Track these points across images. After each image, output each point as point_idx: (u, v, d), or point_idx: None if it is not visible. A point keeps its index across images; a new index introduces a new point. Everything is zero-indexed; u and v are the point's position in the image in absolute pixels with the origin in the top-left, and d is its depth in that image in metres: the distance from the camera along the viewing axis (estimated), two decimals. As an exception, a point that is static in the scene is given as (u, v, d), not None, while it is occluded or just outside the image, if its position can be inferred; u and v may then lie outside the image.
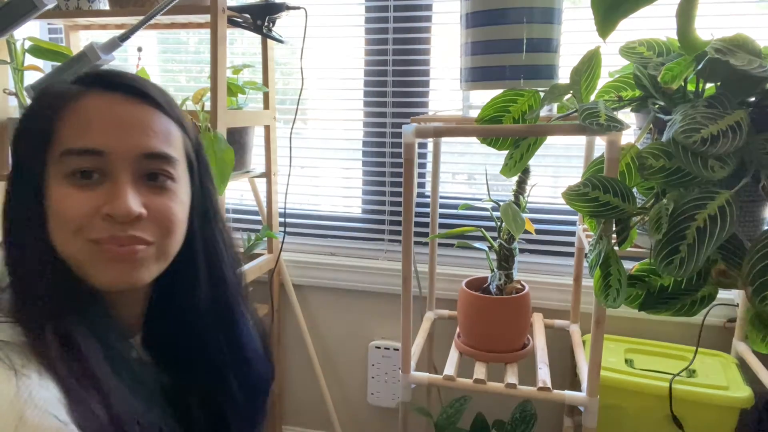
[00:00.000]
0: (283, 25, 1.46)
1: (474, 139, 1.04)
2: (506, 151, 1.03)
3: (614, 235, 0.86)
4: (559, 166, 1.51)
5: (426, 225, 1.46)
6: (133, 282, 0.57)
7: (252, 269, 1.50)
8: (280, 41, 1.43)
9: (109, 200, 0.54)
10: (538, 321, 1.34)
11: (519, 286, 1.17)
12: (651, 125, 0.88)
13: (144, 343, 0.65)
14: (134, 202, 0.55)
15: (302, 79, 1.50)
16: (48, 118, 0.56)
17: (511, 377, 1.07)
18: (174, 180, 0.59)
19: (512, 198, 1.15)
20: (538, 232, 1.46)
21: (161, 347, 0.65)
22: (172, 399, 0.61)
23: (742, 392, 1.11)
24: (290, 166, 1.55)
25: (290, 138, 1.54)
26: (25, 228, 0.56)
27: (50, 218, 0.55)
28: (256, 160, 1.61)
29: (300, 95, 1.50)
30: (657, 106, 0.85)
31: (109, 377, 0.53)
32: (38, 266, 0.55)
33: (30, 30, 1.69)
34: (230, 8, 1.33)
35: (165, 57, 1.80)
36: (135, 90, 0.58)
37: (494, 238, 1.17)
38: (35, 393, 0.47)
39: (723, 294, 1.32)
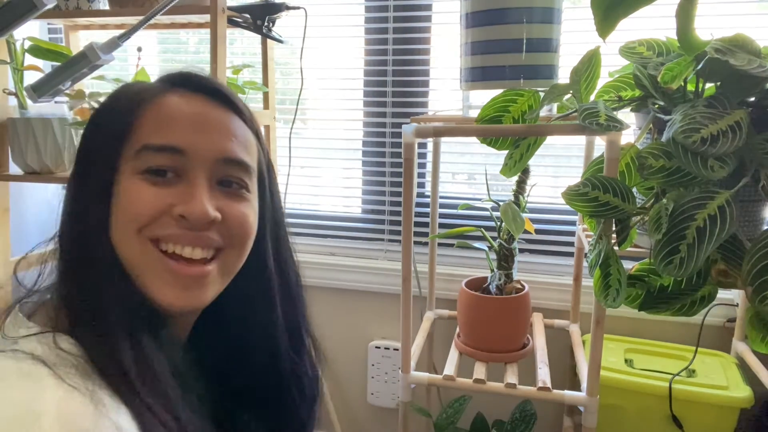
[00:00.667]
0: (283, 25, 1.46)
1: (474, 139, 1.04)
2: (506, 151, 1.03)
3: (614, 235, 0.86)
4: (559, 166, 1.51)
5: (426, 225, 1.46)
6: (200, 304, 0.54)
7: (252, 269, 1.50)
8: (280, 41, 1.43)
9: (184, 200, 0.51)
10: (537, 321, 1.34)
11: (519, 286, 1.17)
12: (651, 125, 0.88)
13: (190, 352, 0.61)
14: (210, 205, 0.52)
15: (302, 79, 1.50)
16: (128, 113, 0.53)
17: (511, 377, 1.07)
18: (248, 191, 0.57)
19: (512, 198, 1.15)
20: (538, 232, 1.46)
21: (208, 354, 0.61)
22: (219, 412, 0.59)
23: (742, 392, 1.11)
24: (290, 166, 1.55)
25: (290, 138, 1.54)
26: (89, 226, 0.51)
27: (116, 215, 0.51)
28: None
29: (300, 95, 1.50)
30: (657, 106, 0.85)
31: (179, 399, 0.49)
32: (102, 271, 0.50)
33: (30, 30, 1.69)
34: (230, 8, 1.33)
35: (165, 57, 1.79)
36: (219, 94, 0.57)
37: (494, 238, 1.17)
38: (115, 420, 0.43)
39: (723, 294, 1.32)
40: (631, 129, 0.93)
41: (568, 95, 0.94)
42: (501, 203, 1.04)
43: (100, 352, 0.47)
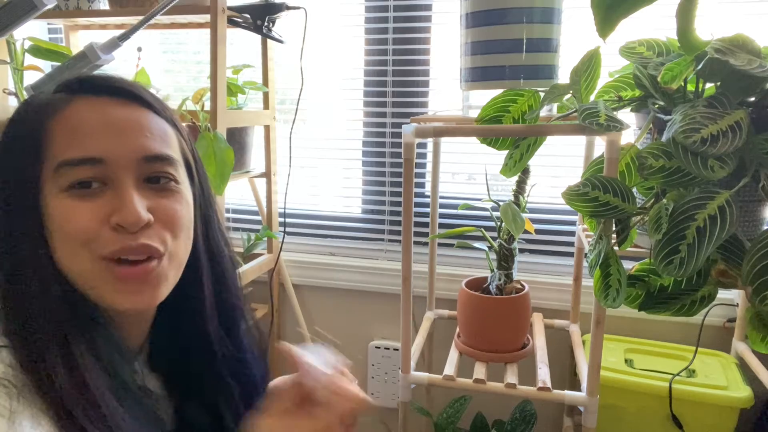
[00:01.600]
0: (283, 25, 1.46)
1: (474, 139, 1.04)
2: (506, 151, 1.03)
3: (614, 235, 0.86)
4: (559, 166, 1.51)
5: (426, 225, 1.46)
6: (154, 302, 0.55)
7: (252, 269, 1.50)
8: (280, 41, 1.43)
9: (116, 209, 0.51)
10: (537, 321, 1.34)
11: (519, 286, 1.17)
12: (651, 125, 0.88)
13: (149, 358, 0.62)
14: (142, 208, 0.52)
15: (302, 78, 1.50)
16: (36, 131, 0.52)
17: (511, 377, 1.07)
18: (177, 182, 0.56)
19: (512, 198, 1.15)
20: (538, 232, 1.46)
21: (167, 360, 0.62)
22: (175, 423, 0.60)
23: (742, 392, 1.11)
24: (290, 166, 1.55)
25: (290, 138, 1.54)
26: (25, 246, 0.51)
27: (53, 235, 0.51)
28: (255, 160, 1.61)
29: (300, 95, 1.50)
30: (657, 106, 0.85)
31: (117, 413, 0.49)
32: (40, 286, 0.51)
33: (30, 30, 1.69)
34: (230, 8, 1.33)
35: (165, 57, 1.79)
36: (124, 92, 0.55)
37: (494, 238, 1.17)
38: None
39: (723, 294, 1.32)
40: (631, 129, 0.93)
41: (568, 95, 0.94)
42: (501, 203, 1.04)
43: (33, 368, 0.47)
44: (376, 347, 1.63)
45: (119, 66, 1.78)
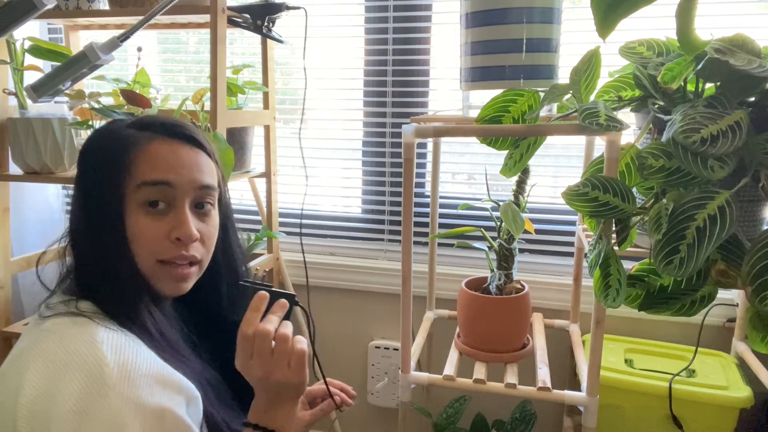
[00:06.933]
0: (283, 25, 1.46)
1: (474, 139, 1.04)
2: (506, 151, 1.03)
3: (614, 235, 0.86)
4: (559, 166, 1.51)
5: (426, 225, 1.46)
6: (185, 292, 0.76)
7: (252, 269, 1.50)
8: (280, 41, 1.43)
9: (176, 226, 0.71)
10: (537, 321, 1.34)
11: (519, 286, 1.17)
12: (651, 125, 0.88)
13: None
14: (194, 228, 0.73)
15: (305, 79, 1.50)
16: (124, 158, 0.70)
17: (511, 377, 1.07)
18: (213, 205, 0.77)
19: (512, 198, 1.15)
20: (537, 232, 1.46)
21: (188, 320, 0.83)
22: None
23: (742, 392, 1.11)
24: (305, 167, 1.55)
25: (299, 138, 1.55)
26: (114, 244, 0.69)
27: (131, 239, 0.70)
28: (255, 160, 1.61)
29: (305, 95, 1.51)
30: (657, 106, 0.85)
31: (182, 347, 0.73)
32: (128, 271, 0.70)
33: (30, 30, 1.69)
34: (230, 8, 1.33)
35: (165, 57, 1.80)
36: (190, 138, 0.75)
37: (494, 238, 1.17)
38: (144, 349, 0.66)
39: (723, 294, 1.32)
40: (631, 129, 0.93)
41: (568, 95, 0.94)
42: (501, 203, 1.04)
43: (121, 312, 0.69)
44: (376, 347, 1.63)
45: (119, 66, 1.78)
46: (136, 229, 0.70)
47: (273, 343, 0.71)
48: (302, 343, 0.73)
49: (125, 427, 0.59)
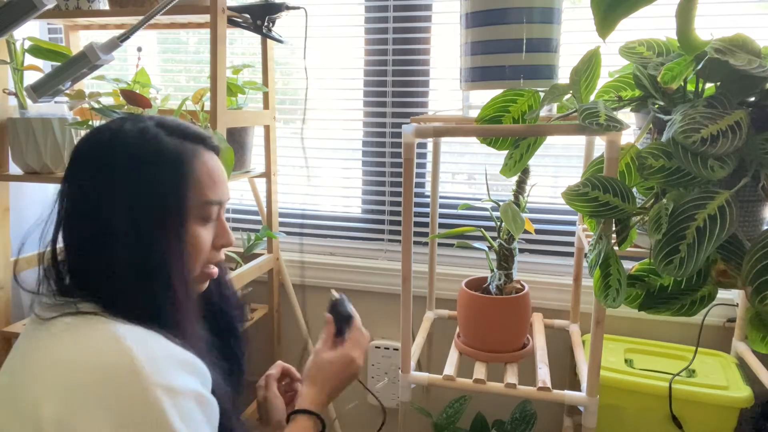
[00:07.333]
0: (283, 25, 1.46)
1: (474, 139, 1.04)
2: (506, 151, 1.03)
3: (614, 235, 0.86)
4: (559, 166, 1.51)
5: (426, 225, 1.46)
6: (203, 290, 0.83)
7: (252, 269, 1.50)
8: (280, 41, 1.43)
9: (221, 234, 0.78)
10: (537, 321, 1.34)
11: (519, 286, 1.17)
12: (651, 125, 0.88)
13: None
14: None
15: (307, 79, 1.50)
16: (185, 173, 0.71)
17: (511, 377, 1.07)
18: None
19: (512, 198, 1.15)
20: (537, 232, 1.46)
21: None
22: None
23: (742, 392, 1.11)
24: (307, 166, 1.55)
25: (301, 138, 1.54)
26: (176, 253, 0.71)
27: (189, 248, 0.73)
28: (255, 160, 1.61)
29: (306, 95, 1.51)
30: (657, 106, 0.85)
31: (204, 340, 0.77)
32: (187, 280, 0.72)
33: (30, 30, 1.69)
34: (230, 8, 1.33)
35: (165, 57, 1.79)
36: (218, 149, 0.79)
37: (494, 238, 1.17)
38: (164, 341, 0.66)
39: (723, 294, 1.32)
40: (631, 129, 0.93)
41: (568, 95, 0.94)
42: (501, 203, 1.04)
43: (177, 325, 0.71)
44: (376, 347, 1.63)
45: (119, 66, 1.78)
46: (195, 240, 0.73)
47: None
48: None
49: (165, 416, 0.60)
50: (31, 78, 1.15)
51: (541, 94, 0.95)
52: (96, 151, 0.71)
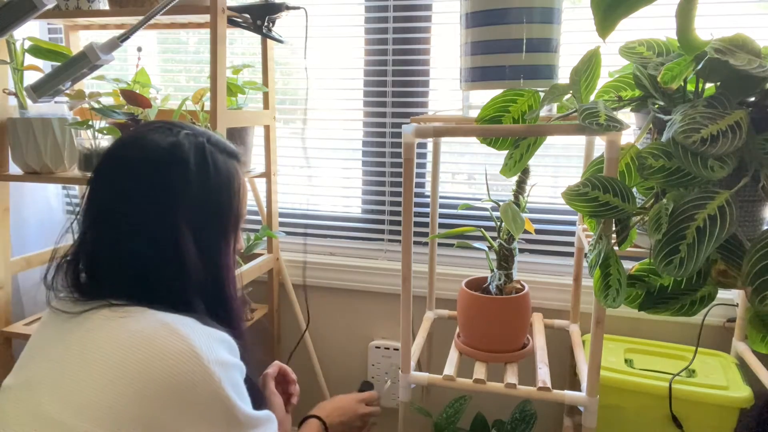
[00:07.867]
0: (283, 25, 1.46)
1: (474, 139, 1.04)
2: (506, 151, 1.03)
3: (614, 235, 0.86)
4: (559, 166, 1.51)
5: (426, 225, 1.46)
6: None
7: (252, 269, 1.50)
8: (280, 41, 1.43)
9: (237, 240, 0.84)
10: (537, 321, 1.34)
11: (519, 286, 1.17)
12: (651, 125, 0.88)
13: None
14: None
15: (307, 78, 1.50)
16: (237, 188, 0.80)
17: (511, 377, 1.07)
18: None
19: (512, 198, 1.15)
20: (537, 232, 1.46)
21: None
22: None
23: (742, 392, 1.11)
24: (308, 167, 1.55)
25: (302, 138, 1.54)
26: (232, 258, 0.82)
27: (234, 252, 0.83)
28: (255, 160, 1.61)
29: (307, 95, 1.51)
30: (657, 106, 0.85)
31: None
32: (235, 280, 0.83)
33: (30, 30, 1.69)
34: (230, 8, 1.33)
35: (165, 57, 1.79)
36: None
37: (494, 238, 1.17)
38: (204, 327, 0.71)
39: (723, 294, 1.32)
40: (631, 129, 0.93)
41: (568, 95, 0.94)
42: (501, 203, 1.04)
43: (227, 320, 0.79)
44: (376, 347, 1.63)
45: (119, 66, 1.78)
46: (237, 246, 0.84)
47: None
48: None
49: (222, 387, 0.67)
50: (31, 78, 1.15)
51: (541, 94, 0.95)
52: (155, 165, 0.74)
